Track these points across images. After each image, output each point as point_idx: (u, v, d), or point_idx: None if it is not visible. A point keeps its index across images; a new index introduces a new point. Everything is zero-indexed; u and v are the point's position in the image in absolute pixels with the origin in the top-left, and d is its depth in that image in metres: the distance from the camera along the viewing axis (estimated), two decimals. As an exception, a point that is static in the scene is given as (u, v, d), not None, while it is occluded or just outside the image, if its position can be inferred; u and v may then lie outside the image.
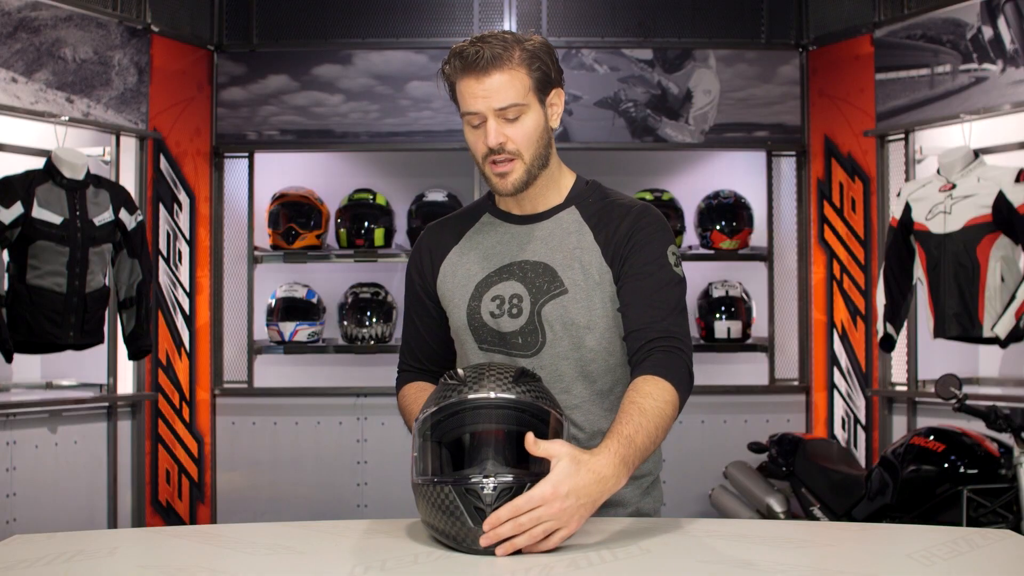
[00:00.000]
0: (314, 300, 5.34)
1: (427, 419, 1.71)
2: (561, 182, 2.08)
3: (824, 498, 4.18)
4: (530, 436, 1.66)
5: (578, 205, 2.06)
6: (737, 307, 5.33)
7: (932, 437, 3.75)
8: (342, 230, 5.32)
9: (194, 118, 5.29)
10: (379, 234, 5.33)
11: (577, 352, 1.99)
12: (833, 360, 5.29)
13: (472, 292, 2.04)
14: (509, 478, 1.63)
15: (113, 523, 4.86)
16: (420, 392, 2.08)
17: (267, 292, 5.40)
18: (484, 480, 1.63)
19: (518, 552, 1.62)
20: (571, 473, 1.63)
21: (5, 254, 4.18)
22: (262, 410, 5.40)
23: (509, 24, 5.36)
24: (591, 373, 2.00)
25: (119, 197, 4.51)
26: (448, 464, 1.69)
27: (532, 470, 1.67)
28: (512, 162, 1.97)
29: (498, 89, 1.93)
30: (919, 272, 4.49)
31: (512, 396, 1.70)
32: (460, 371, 1.74)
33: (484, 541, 1.61)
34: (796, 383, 5.47)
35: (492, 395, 1.69)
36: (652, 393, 1.81)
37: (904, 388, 4.92)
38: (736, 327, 5.31)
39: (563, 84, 2.04)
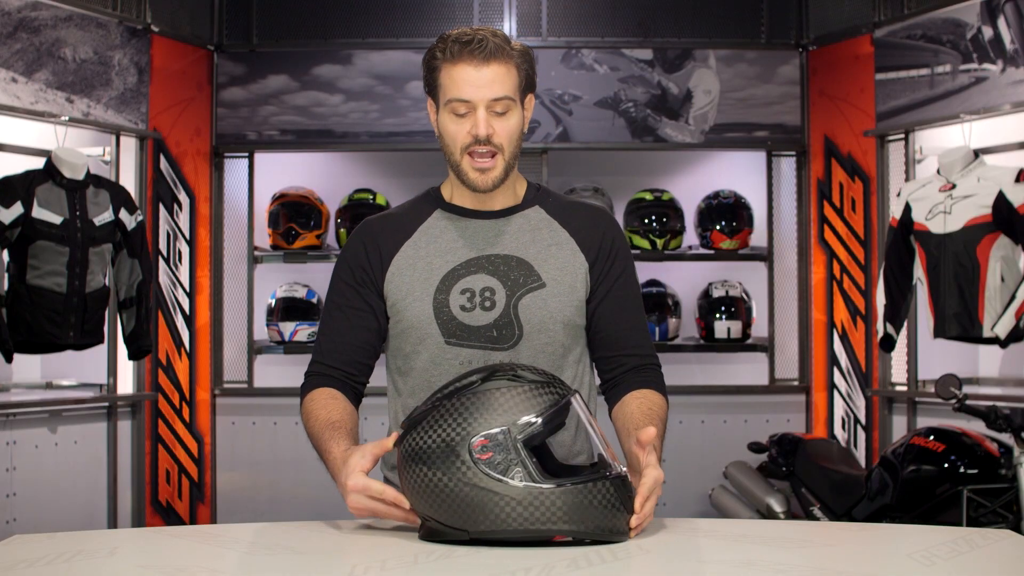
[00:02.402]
0: (314, 300, 5.34)
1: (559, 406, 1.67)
2: (517, 185, 2.08)
3: (824, 498, 4.18)
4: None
5: (541, 204, 2.08)
6: (737, 307, 5.33)
7: (932, 437, 3.75)
8: (342, 230, 5.32)
9: (194, 118, 5.29)
10: (379, 234, 5.32)
11: (551, 346, 2.01)
12: (833, 360, 5.29)
13: (438, 285, 1.99)
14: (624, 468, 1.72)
15: (113, 523, 4.86)
16: (332, 400, 1.97)
17: (267, 292, 5.40)
18: (621, 468, 1.69)
19: (523, 545, 1.63)
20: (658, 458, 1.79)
21: (5, 254, 4.18)
22: (262, 410, 5.40)
23: (509, 24, 5.36)
24: (561, 366, 2.02)
25: (119, 197, 4.50)
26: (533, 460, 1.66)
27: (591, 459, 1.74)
28: (494, 157, 1.96)
29: (494, 80, 1.93)
30: (919, 272, 4.49)
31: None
32: (527, 370, 1.71)
33: (635, 522, 1.68)
34: (796, 383, 5.47)
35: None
36: (663, 406, 2.01)
37: (904, 388, 4.92)
38: (736, 327, 5.31)
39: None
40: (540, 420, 1.64)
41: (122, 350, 4.74)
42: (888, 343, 4.63)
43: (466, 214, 2.06)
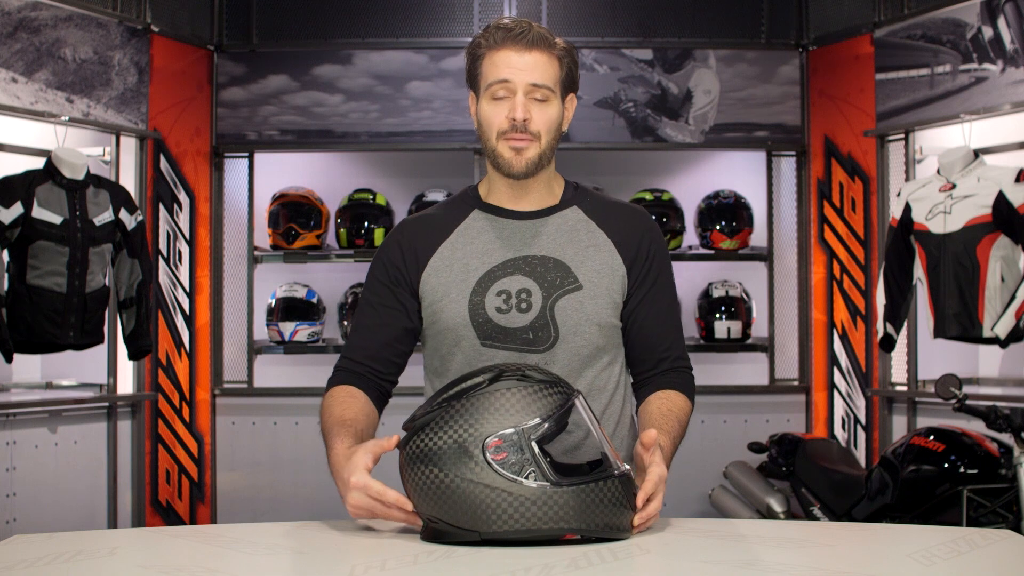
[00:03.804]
0: (314, 300, 5.34)
1: (559, 418, 1.67)
2: (554, 185, 2.09)
3: (824, 498, 4.18)
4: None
5: (579, 204, 2.08)
6: (737, 307, 5.33)
7: (932, 437, 3.75)
8: (342, 230, 5.32)
9: (194, 118, 5.29)
10: (379, 234, 5.32)
11: (588, 348, 2.00)
12: (833, 360, 5.29)
13: (474, 287, 1.99)
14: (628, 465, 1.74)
15: (113, 523, 4.86)
16: (349, 398, 1.97)
17: (267, 292, 5.40)
18: (625, 467, 1.70)
19: (523, 544, 1.63)
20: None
21: (5, 254, 4.18)
22: (262, 410, 5.40)
23: (509, 24, 5.35)
24: (593, 366, 2.02)
25: (119, 197, 4.50)
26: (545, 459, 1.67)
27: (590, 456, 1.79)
28: (531, 141, 1.96)
29: (536, 66, 1.94)
30: (919, 272, 4.49)
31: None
32: (533, 370, 1.70)
33: (639, 520, 1.70)
34: (796, 383, 5.47)
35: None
36: (684, 408, 2.02)
37: (904, 388, 4.92)
38: (736, 327, 5.31)
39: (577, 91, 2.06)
40: (552, 420, 1.65)
41: (122, 350, 4.74)
42: (888, 343, 4.63)
43: (503, 214, 2.05)
